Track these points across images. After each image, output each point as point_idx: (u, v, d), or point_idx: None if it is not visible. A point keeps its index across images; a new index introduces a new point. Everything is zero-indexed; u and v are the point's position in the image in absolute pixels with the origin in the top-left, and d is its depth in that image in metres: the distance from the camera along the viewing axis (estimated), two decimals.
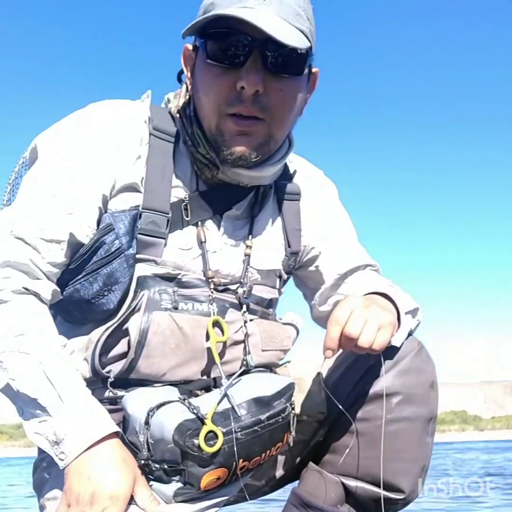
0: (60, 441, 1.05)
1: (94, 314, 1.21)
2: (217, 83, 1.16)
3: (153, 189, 1.22)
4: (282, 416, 1.20)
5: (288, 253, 1.40)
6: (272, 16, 1.11)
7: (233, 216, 1.30)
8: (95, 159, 1.20)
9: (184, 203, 1.24)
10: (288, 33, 1.10)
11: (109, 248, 1.18)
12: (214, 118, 1.18)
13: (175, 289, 1.21)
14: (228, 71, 1.14)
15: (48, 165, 1.20)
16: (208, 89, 1.17)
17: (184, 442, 1.07)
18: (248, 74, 1.12)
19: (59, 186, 1.18)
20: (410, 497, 1.32)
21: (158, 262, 1.21)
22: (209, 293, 1.23)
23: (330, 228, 1.47)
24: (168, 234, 1.22)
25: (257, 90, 1.13)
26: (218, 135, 1.19)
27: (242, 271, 1.29)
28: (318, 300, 1.49)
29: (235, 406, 1.14)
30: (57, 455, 1.06)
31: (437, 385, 1.35)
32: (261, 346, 1.30)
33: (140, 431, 1.10)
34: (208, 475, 1.09)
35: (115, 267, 1.18)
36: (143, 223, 1.19)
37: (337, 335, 1.16)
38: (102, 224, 1.19)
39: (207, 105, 1.18)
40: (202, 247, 1.25)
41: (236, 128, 1.17)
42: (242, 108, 1.15)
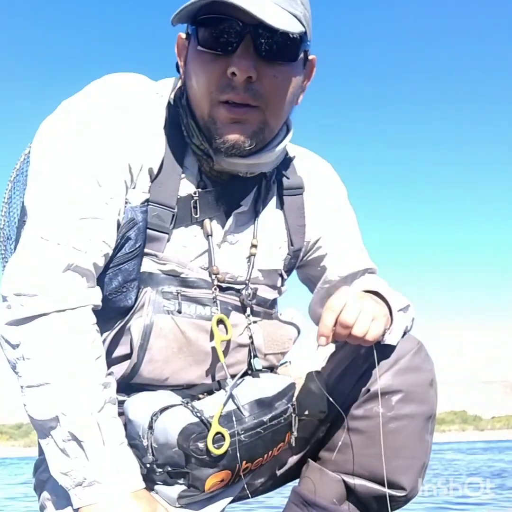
0: (87, 484, 1.03)
1: (109, 311, 1.17)
2: (208, 69, 1.13)
3: (162, 181, 1.19)
4: (283, 417, 1.21)
5: (291, 252, 1.38)
6: (264, 0, 1.08)
7: (239, 213, 1.27)
8: (130, 139, 1.15)
9: (193, 199, 1.22)
10: (280, 18, 1.08)
11: (134, 243, 1.16)
12: (206, 106, 1.15)
13: (178, 289, 1.19)
14: (219, 57, 1.11)
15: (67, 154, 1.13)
16: (199, 76, 1.14)
17: (188, 446, 1.07)
18: (240, 60, 1.09)
19: (99, 166, 1.12)
20: (411, 495, 1.32)
21: (160, 257, 1.19)
22: (212, 291, 1.22)
23: (335, 228, 1.44)
24: (172, 230, 1.20)
25: (250, 77, 1.10)
26: (210, 123, 1.16)
27: (247, 272, 1.28)
28: (315, 298, 1.47)
29: (241, 407, 1.14)
30: (76, 495, 1.04)
31: (436, 384, 1.36)
32: (264, 350, 1.30)
33: (143, 435, 1.10)
34: (212, 477, 1.09)
35: (135, 263, 1.16)
36: (149, 216, 1.18)
37: (331, 322, 1.16)
38: (125, 219, 1.15)
39: (198, 93, 1.15)
40: (209, 242, 1.23)
41: (229, 115, 1.14)
42: (234, 95, 1.12)
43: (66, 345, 1.05)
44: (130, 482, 1.05)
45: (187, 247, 1.22)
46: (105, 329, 1.17)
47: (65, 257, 1.07)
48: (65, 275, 1.06)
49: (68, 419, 1.02)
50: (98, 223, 1.11)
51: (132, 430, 1.12)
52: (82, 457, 1.03)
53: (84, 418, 1.03)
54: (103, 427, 1.04)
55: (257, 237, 1.29)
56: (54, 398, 1.03)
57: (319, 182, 1.43)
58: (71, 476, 1.04)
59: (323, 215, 1.42)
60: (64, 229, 1.08)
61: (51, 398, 1.03)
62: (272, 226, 1.35)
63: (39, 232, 1.08)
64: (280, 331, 1.35)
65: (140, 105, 1.18)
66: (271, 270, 1.35)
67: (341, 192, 1.48)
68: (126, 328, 1.17)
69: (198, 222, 1.23)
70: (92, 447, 1.03)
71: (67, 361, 1.04)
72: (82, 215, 1.10)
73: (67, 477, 1.04)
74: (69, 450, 1.03)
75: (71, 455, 1.03)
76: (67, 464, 1.04)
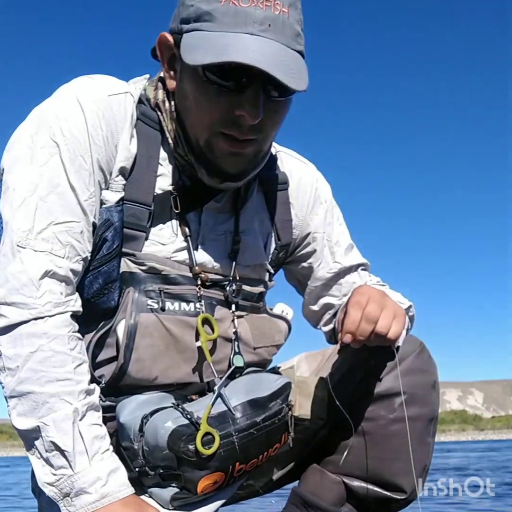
0: (74, 495, 1.02)
1: (93, 313, 1.17)
2: (213, 103, 1.11)
3: (137, 179, 1.18)
4: (278, 417, 1.19)
5: (278, 246, 1.38)
6: (277, 49, 1.06)
7: (213, 209, 1.26)
8: (96, 142, 1.13)
9: (173, 195, 1.21)
10: (296, 75, 1.07)
11: (111, 245, 1.15)
12: (205, 134, 1.14)
13: (161, 287, 1.18)
14: (226, 93, 1.09)
15: (38, 155, 1.11)
16: (201, 105, 1.12)
17: (179, 448, 1.06)
18: (250, 105, 1.08)
19: (70, 171, 1.11)
20: (411, 497, 1.32)
21: (138, 256, 1.18)
22: (196, 290, 1.21)
23: (324, 226, 1.44)
24: (149, 228, 1.19)
25: None
26: (207, 150, 1.15)
27: (231, 268, 1.27)
28: (307, 298, 1.48)
29: (232, 408, 1.13)
30: (65, 506, 1.03)
31: (438, 386, 1.35)
32: (253, 344, 1.28)
33: (134, 438, 1.10)
34: (205, 479, 1.08)
35: (114, 264, 1.16)
36: (125, 215, 1.16)
37: (358, 318, 1.15)
38: (101, 220, 1.15)
39: (198, 119, 1.14)
40: (187, 241, 1.22)
41: (229, 148, 1.14)
42: (238, 133, 1.12)
43: (46, 353, 1.03)
44: (117, 490, 1.03)
45: (166, 245, 1.21)
46: (91, 332, 1.17)
47: (42, 263, 1.06)
48: (42, 282, 1.05)
49: (49, 428, 1.01)
50: (72, 227, 1.10)
51: (123, 434, 1.12)
52: (67, 467, 1.01)
53: (65, 427, 1.02)
54: (85, 435, 1.02)
55: (240, 233, 1.29)
56: (35, 407, 1.02)
57: (303, 179, 1.42)
58: (57, 487, 1.03)
59: (309, 212, 1.42)
60: (39, 235, 1.07)
61: (32, 407, 1.02)
62: (256, 222, 1.34)
63: (14, 239, 1.07)
64: (268, 324, 1.33)
65: (109, 106, 1.16)
66: (256, 265, 1.33)
67: (326, 189, 1.47)
68: (111, 329, 1.17)
69: (176, 219, 1.22)
70: (75, 456, 1.01)
71: (47, 370, 1.03)
72: (55, 220, 1.09)
73: (54, 488, 1.03)
74: (53, 460, 1.02)
75: (55, 466, 1.02)
76: (52, 475, 1.03)
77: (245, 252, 1.30)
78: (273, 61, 1.04)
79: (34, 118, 1.16)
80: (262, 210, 1.36)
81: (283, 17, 1.07)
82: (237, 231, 1.28)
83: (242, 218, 1.30)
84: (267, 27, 1.06)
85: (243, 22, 1.05)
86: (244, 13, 1.05)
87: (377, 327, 1.16)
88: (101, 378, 1.15)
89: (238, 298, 1.26)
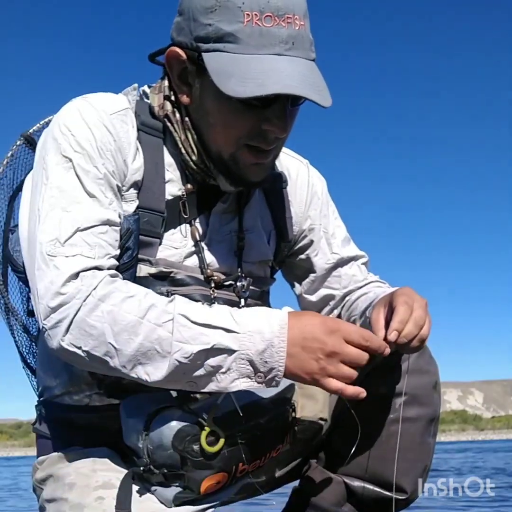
0: (259, 363, 1.02)
1: None
2: (239, 119, 1.13)
3: (149, 187, 1.20)
4: (281, 418, 1.20)
5: (281, 243, 1.40)
6: (301, 64, 1.09)
7: (220, 210, 1.29)
8: (106, 156, 1.15)
9: (182, 200, 1.23)
10: (323, 92, 1.11)
11: (131, 253, 1.17)
12: (231, 149, 1.16)
13: (168, 289, 1.19)
14: (253, 108, 1.11)
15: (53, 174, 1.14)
16: (227, 121, 1.15)
17: (183, 448, 1.07)
18: (277, 120, 1.12)
19: (87, 182, 1.13)
20: (412, 497, 1.32)
21: (153, 262, 1.20)
22: (210, 292, 1.23)
23: (320, 218, 1.46)
24: (163, 233, 1.22)
25: None
26: (231, 162, 1.18)
27: (237, 266, 1.29)
28: (306, 288, 1.48)
29: (238, 407, 1.13)
30: (266, 381, 1.04)
31: (439, 386, 1.35)
32: None
33: (139, 437, 1.10)
34: (208, 479, 1.09)
35: (132, 271, 1.17)
36: (140, 223, 1.18)
37: (407, 318, 1.13)
38: (123, 230, 1.16)
39: (224, 137, 1.16)
40: (198, 245, 1.24)
41: (254, 160, 1.17)
42: (265, 145, 1.16)
43: (116, 314, 1.03)
44: (283, 314, 1.05)
45: (178, 249, 1.23)
46: None
47: (75, 265, 1.06)
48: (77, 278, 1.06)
49: (184, 347, 1.01)
50: (98, 230, 1.11)
51: (128, 432, 1.12)
52: (233, 346, 1.02)
53: (185, 332, 1.02)
54: (211, 317, 1.04)
55: (244, 231, 1.31)
56: (158, 352, 1.02)
57: (299, 177, 1.45)
58: (241, 371, 1.03)
59: (307, 208, 1.45)
60: (67, 242, 1.08)
61: (158, 356, 1.03)
62: (259, 219, 1.36)
63: (44, 251, 1.08)
64: None
65: (112, 124, 1.17)
66: (261, 262, 1.35)
67: (321, 184, 1.49)
68: None
69: (186, 223, 1.25)
70: (229, 324, 1.03)
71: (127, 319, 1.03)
72: (81, 226, 1.10)
73: (241, 378, 1.03)
74: (215, 362, 1.02)
75: (222, 362, 1.02)
76: (232, 364, 1.03)
77: (250, 249, 1.32)
78: (303, 82, 1.08)
79: (43, 143, 1.20)
80: (264, 208, 1.38)
81: (302, 32, 1.10)
82: (241, 229, 1.30)
83: (245, 217, 1.32)
84: (291, 46, 1.08)
85: (269, 43, 1.07)
86: (269, 34, 1.07)
87: (421, 333, 1.15)
88: (105, 376, 1.15)
89: (246, 293, 1.28)
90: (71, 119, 1.17)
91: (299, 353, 1.03)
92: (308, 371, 1.04)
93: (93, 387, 1.20)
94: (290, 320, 1.05)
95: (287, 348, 1.03)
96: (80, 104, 1.20)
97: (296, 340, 1.04)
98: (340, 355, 1.04)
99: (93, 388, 1.20)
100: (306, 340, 1.04)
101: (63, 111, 1.20)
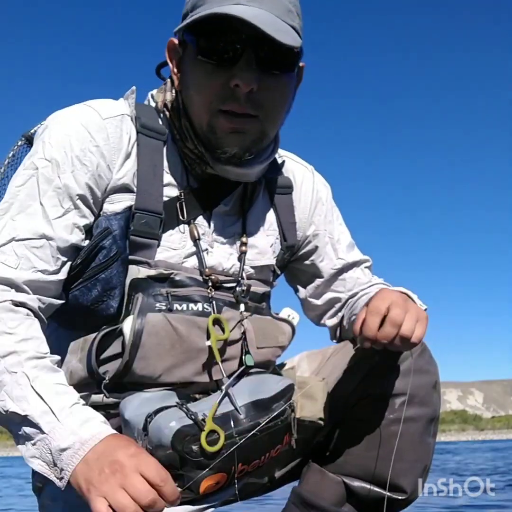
0: (57, 457, 0.98)
1: (95, 319, 1.19)
2: (209, 80, 1.15)
3: (145, 189, 1.20)
4: (281, 418, 1.19)
5: (284, 247, 1.39)
6: (265, 13, 1.10)
7: (222, 212, 1.28)
8: (83, 163, 1.16)
9: (180, 201, 1.23)
10: (284, 32, 1.10)
11: (107, 252, 1.16)
12: (206, 115, 1.17)
13: (168, 290, 1.19)
14: (220, 68, 1.13)
15: (30, 173, 1.16)
16: (199, 86, 1.16)
17: (182, 448, 1.06)
18: (243, 72, 1.11)
19: (45, 192, 1.15)
20: (412, 497, 1.32)
21: (152, 264, 1.20)
22: (207, 292, 1.22)
23: (325, 224, 1.46)
24: (161, 235, 1.21)
25: (252, 88, 1.13)
26: (210, 133, 1.18)
27: (239, 269, 1.28)
28: (311, 292, 1.49)
29: (238, 407, 1.13)
30: (57, 477, 0.99)
31: (439, 386, 1.36)
32: (256, 344, 1.28)
33: (138, 437, 1.10)
34: (207, 480, 1.09)
35: (112, 272, 1.17)
36: (136, 224, 1.18)
37: (377, 325, 1.16)
38: (99, 229, 1.17)
39: (198, 102, 1.17)
40: (197, 245, 1.24)
41: (229, 125, 1.16)
42: (236, 105, 1.14)
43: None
44: (95, 433, 1.00)
45: (177, 250, 1.23)
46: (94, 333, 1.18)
47: None
48: None
49: (6, 402, 1.01)
50: (33, 243, 1.12)
51: (127, 431, 1.12)
52: (37, 431, 0.99)
53: (18, 394, 1.01)
54: (44, 395, 1.01)
55: (247, 235, 1.31)
56: None
57: (304, 183, 1.45)
58: (40, 457, 1.00)
59: (311, 214, 1.45)
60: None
61: None
62: (263, 223, 1.36)
63: None
64: (271, 326, 1.34)
65: (103, 128, 1.18)
66: (263, 266, 1.35)
67: (326, 191, 1.50)
68: (117, 330, 1.17)
69: (185, 224, 1.24)
70: (40, 417, 1.00)
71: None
72: (17, 237, 1.11)
73: (39, 460, 1.00)
74: (24, 432, 1.01)
75: (29, 435, 1.00)
76: (32, 446, 1.00)
77: (253, 253, 1.31)
78: (256, 17, 1.08)
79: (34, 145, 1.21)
80: (269, 212, 1.38)
81: None
82: (245, 232, 1.30)
83: (249, 220, 1.32)
84: (257, 1, 1.10)
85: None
86: None
87: (401, 331, 1.16)
88: (105, 374, 1.16)
89: (246, 298, 1.28)
90: (56, 126, 1.19)
91: (92, 462, 0.97)
92: (88, 478, 0.96)
93: (93, 387, 1.20)
94: (106, 438, 0.99)
95: (85, 456, 0.97)
96: (72, 110, 1.21)
97: (97, 450, 0.98)
98: (126, 479, 0.93)
99: (92, 387, 1.20)
100: (104, 453, 0.97)
101: (54, 115, 1.22)
